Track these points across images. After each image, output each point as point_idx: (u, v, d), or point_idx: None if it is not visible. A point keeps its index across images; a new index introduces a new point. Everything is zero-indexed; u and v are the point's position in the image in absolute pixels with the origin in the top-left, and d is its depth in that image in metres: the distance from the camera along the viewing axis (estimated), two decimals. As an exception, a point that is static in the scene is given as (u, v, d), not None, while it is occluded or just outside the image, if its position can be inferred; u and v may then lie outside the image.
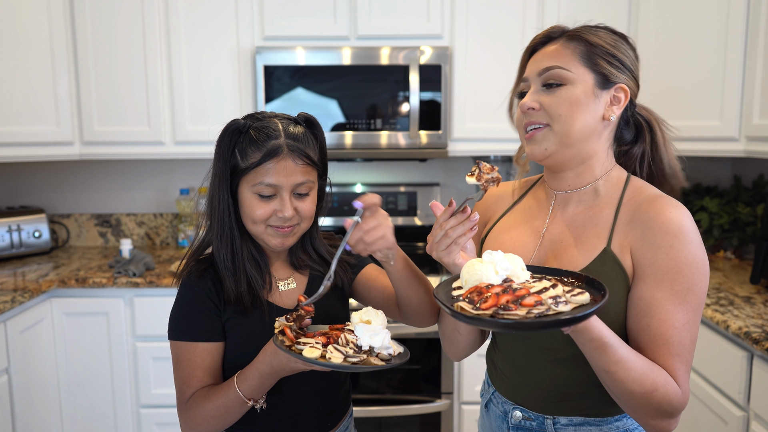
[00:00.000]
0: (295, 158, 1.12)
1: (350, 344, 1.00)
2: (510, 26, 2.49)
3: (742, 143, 2.28)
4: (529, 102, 1.04)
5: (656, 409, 0.93)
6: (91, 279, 2.34)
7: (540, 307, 0.81)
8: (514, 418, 1.12)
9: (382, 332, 1.02)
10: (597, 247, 1.01)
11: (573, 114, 1.01)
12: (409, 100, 2.48)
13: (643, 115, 1.11)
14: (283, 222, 1.13)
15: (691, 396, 1.97)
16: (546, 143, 1.04)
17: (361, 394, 2.40)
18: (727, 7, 2.25)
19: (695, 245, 0.95)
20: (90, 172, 2.97)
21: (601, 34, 1.04)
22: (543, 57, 1.05)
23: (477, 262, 0.91)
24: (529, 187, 1.21)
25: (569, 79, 1.01)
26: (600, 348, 0.90)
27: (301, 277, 1.25)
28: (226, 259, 1.15)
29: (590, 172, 1.07)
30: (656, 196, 1.01)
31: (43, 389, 2.29)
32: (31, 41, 2.43)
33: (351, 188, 2.87)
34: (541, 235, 1.09)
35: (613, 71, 1.02)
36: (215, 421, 1.11)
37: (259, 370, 1.06)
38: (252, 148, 1.12)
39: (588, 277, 0.91)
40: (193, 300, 1.16)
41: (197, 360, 1.14)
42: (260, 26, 2.52)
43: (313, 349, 0.99)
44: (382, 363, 0.99)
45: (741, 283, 2.19)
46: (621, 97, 1.03)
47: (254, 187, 1.12)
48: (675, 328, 0.94)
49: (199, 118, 2.55)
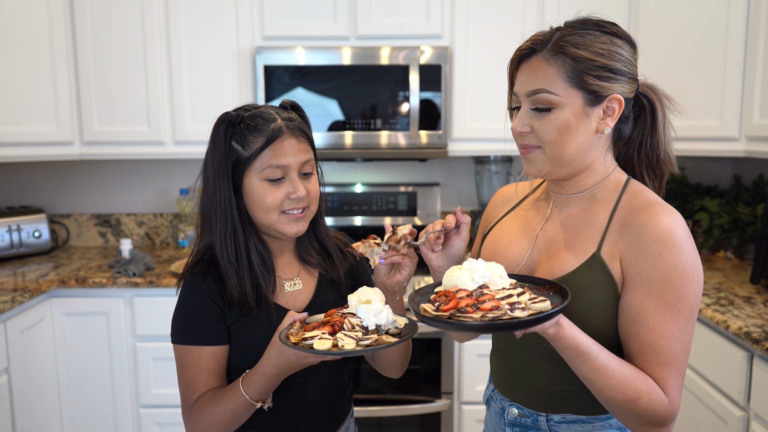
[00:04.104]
0: (297, 136, 1.13)
1: (357, 327, 0.98)
2: (510, 26, 2.49)
3: (742, 143, 2.28)
4: (519, 127, 1.02)
5: (641, 418, 0.93)
6: (91, 279, 2.34)
7: (496, 311, 0.85)
8: (510, 414, 1.13)
9: (384, 309, 1.00)
10: (587, 251, 1.01)
11: (563, 139, 0.99)
12: (409, 100, 2.48)
13: (647, 97, 1.06)
14: (297, 203, 1.12)
15: (691, 396, 1.97)
16: (539, 164, 1.03)
17: (361, 394, 2.40)
18: (727, 6, 2.25)
19: (686, 254, 0.94)
20: (90, 172, 2.97)
21: (587, 40, 0.97)
22: (529, 74, 1.01)
23: (456, 268, 0.94)
24: (534, 187, 1.21)
25: (556, 103, 0.97)
26: (578, 356, 0.91)
27: (308, 276, 1.23)
28: (230, 256, 1.13)
29: (589, 179, 1.06)
30: (650, 203, 0.99)
31: (43, 389, 2.29)
32: (31, 41, 2.43)
33: (351, 188, 2.87)
34: (536, 236, 1.10)
35: (604, 85, 0.97)
36: (222, 425, 1.09)
37: (265, 374, 1.04)
38: (252, 135, 1.11)
39: (562, 287, 0.94)
40: (196, 302, 1.13)
41: (202, 364, 1.11)
42: (260, 26, 2.52)
43: (323, 341, 0.94)
44: (395, 339, 0.97)
45: (741, 283, 2.19)
46: (615, 107, 0.99)
47: (263, 173, 1.10)
48: (664, 337, 0.94)
49: (199, 118, 2.55)
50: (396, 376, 1.28)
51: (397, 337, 0.98)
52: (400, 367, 1.27)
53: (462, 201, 3.00)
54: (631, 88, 1.02)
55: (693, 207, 2.63)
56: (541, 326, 0.87)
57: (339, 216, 2.84)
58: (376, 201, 2.83)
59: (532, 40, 1.02)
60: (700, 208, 2.61)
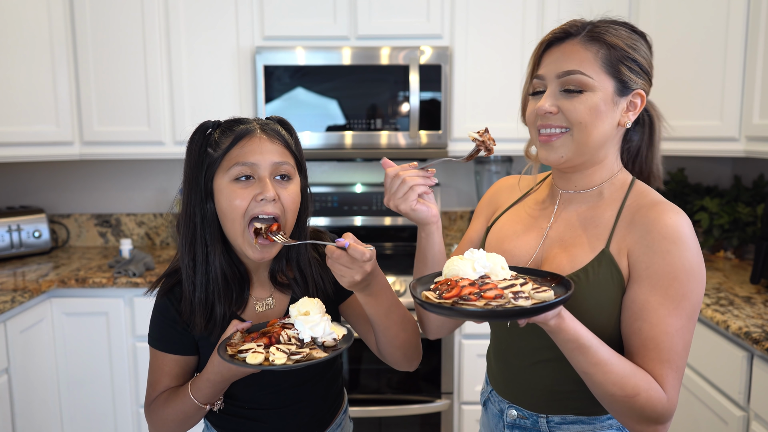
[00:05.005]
0: (270, 137, 1.08)
1: (292, 340, 1.00)
2: (510, 26, 2.50)
3: (742, 143, 2.28)
4: (547, 106, 1.01)
5: (639, 414, 0.93)
6: (91, 279, 2.34)
7: (500, 300, 0.85)
8: (509, 416, 1.13)
9: (321, 321, 1.01)
10: (596, 247, 1.01)
11: (593, 122, 0.99)
12: (409, 100, 2.48)
13: (648, 111, 1.09)
14: (265, 207, 1.04)
15: (691, 396, 1.97)
16: (563, 150, 1.02)
17: (361, 394, 2.40)
18: (727, 6, 2.25)
19: (692, 252, 0.95)
20: (90, 172, 2.97)
21: (621, 33, 1.01)
22: (562, 57, 1.01)
23: (458, 258, 0.94)
24: (538, 182, 1.20)
25: (590, 86, 0.99)
26: (577, 349, 0.91)
27: (283, 297, 1.17)
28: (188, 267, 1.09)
29: (598, 175, 1.06)
30: (658, 201, 1.01)
31: (43, 389, 2.29)
32: (31, 41, 2.43)
33: (351, 188, 2.87)
34: (545, 233, 1.09)
35: (633, 77, 1.00)
36: (175, 424, 1.12)
37: (209, 380, 1.06)
38: (223, 137, 1.08)
39: (564, 279, 0.94)
40: (164, 313, 1.14)
41: (165, 368, 1.15)
42: (260, 26, 2.52)
43: (255, 354, 0.96)
44: (324, 354, 0.98)
45: (741, 283, 2.19)
46: (637, 102, 1.02)
47: (230, 172, 1.04)
48: (666, 333, 0.94)
49: (199, 118, 2.54)
50: (406, 369, 1.20)
51: (332, 349, 1.00)
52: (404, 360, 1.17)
53: (462, 201, 3.00)
54: (649, 89, 1.04)
55: (693, 207, 2.63)
56: (543, 316, 0.87)
57: (339, 216, 2.84)
58: (376, 201, 2.84)
59: (568, 24, 1.04)
60: (700, 208, 2.61)
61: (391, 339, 1.11)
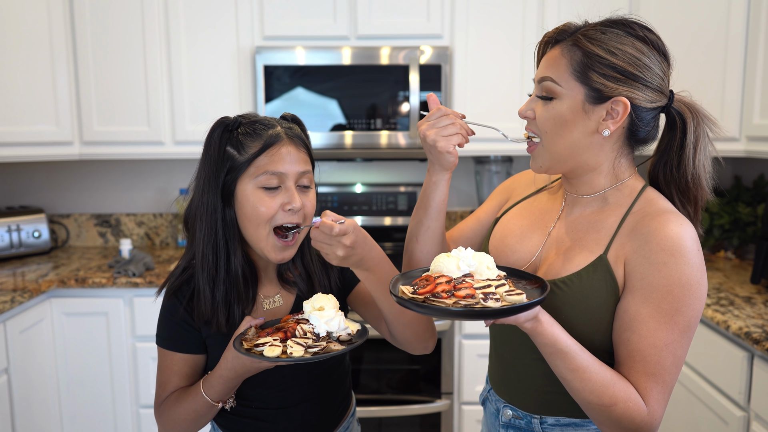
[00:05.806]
0: (297, 144, 1.09)
1: (308, 334, 1.00)
2: (510, 26, 2.49)
3: (742, 143, 2.28)
4: (524, 110, 1.04)
5: (616, 424, 0.92)
6: (90, 279, 2.34)
7: (470, 299, 0.87)
8: (504, 416, 1.13)
9: (336, 316, 1.02)
10: (594, 252, 1.00)
11: (557, 132, 0.99)
12: (409, 100, 2.48)
13: (681, 114, 1.01)
14: (291, 216, 1.07)
15: (691, 396, 1.97)
16: (540, 160, 1.04)
17: (361, 394, 2.40)
18: (727, 7, 2.25)
19: (692, 266, 0.92)
20: (90, 172, 2.97)
21: (606, 39, 0.97)
22: (545, 62, 1.01)
23: (444, 255, 0.95)
24: (551, 182, 1.19)
25: (558, 93, 0.98)
26: (555, 354, 0.91)
27: (289, 295, 1.20)
28: (210, 266, 1.09)
29: (598, 181, 1.04)
30: (663, 211, 0.97)
31: (42, 389, 2.28)
32: (31, 41, 2.42)
33: (351, 188, 2.87)
34: (548, 233, 1.09)
35: (609, 84, 0.95)
36: (187, 423, 1.12)
37: (223, 377, 1.06)
38: (250, 140, 1.07)
39: (544, 283, 0.94)
40: (172, 312, 1.14)
41: (174, 368, 1.14)
42: (260, 26, 2.52)
43: (273, 348, 0.97)
44: (341, 347, 1.00)
45: (741, 283, 2.18)
46: (619, 110, 0.96)
47: (258, 179, 1.05)
48: (654, 347, 0.92)
49: (199, 118, 2.55)
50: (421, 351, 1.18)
51: (348, 343, 1.01)
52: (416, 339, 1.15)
53: (462, 201, 3.00)
54: (650, 97, 0.98)
55: (693, 207, 2.63)
56: (515, 318, 0.87)
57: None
58: (376, 201, 2.83)
59: (558, 30, 1.02)
60: (700, 208, 2.61)
61: (398, 316, 1.11)
